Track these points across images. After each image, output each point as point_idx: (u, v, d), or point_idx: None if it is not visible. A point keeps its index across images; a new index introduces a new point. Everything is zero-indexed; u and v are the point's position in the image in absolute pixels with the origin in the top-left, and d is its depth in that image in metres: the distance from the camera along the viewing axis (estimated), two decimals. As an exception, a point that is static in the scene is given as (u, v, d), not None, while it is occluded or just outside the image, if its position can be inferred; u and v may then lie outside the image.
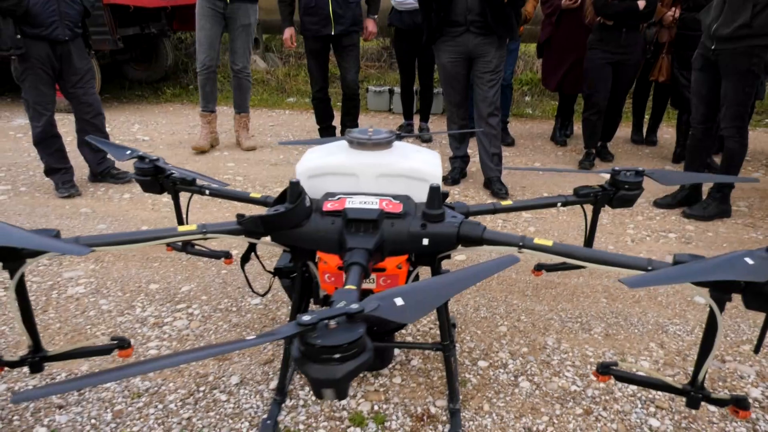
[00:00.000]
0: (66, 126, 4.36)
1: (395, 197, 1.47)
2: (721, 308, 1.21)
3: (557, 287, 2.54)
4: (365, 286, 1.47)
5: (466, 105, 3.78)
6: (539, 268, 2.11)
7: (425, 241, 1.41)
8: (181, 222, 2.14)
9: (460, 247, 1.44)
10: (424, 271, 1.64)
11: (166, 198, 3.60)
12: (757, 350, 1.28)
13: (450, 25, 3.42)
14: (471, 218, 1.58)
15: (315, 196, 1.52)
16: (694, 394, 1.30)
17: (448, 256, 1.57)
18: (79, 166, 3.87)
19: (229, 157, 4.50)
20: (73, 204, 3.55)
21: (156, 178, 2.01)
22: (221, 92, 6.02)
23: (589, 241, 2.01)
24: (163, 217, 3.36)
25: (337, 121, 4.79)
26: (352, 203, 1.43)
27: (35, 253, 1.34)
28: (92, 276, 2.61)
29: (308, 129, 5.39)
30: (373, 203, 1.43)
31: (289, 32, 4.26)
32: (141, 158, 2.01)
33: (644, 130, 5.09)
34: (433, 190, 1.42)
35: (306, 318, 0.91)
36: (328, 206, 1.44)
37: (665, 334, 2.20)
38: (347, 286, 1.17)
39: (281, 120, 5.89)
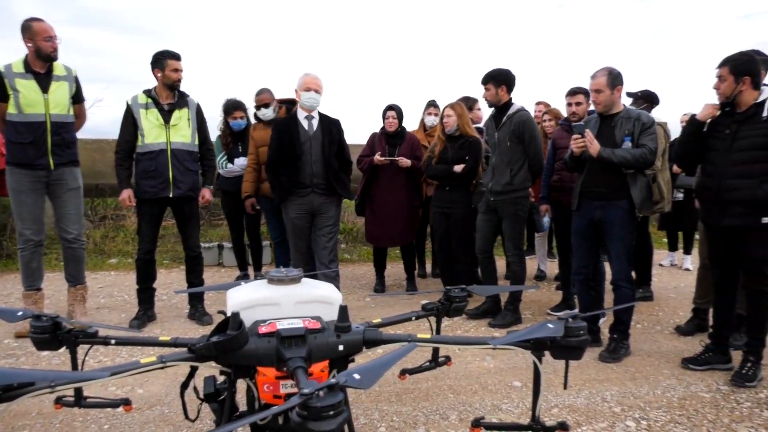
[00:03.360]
0: None
1: (312, 317, 1.93)
2: (540, 361, 1.86)
3: (414, 391, 3.09)
4: (291, 390, 1.85)
5: (310, 252, 4.38)
6: (403, 373, 2.63)
7: (341, 348, 1.87)
8: None
9: (364, 349, 1.93)
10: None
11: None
12: (565, 387, 1.96)
13: (298, 186, 4.13)
14: None
15: (246, 324, 1.90)
16: (535, 426, 1.90)
17: (353, 360, 2.03)
18: None
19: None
20: None
21: (54, 334, 2.14)
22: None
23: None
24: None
25: (163, 280, 4.84)
26: (282, 325, 1.85)
27: (11, 397, 1.47)
28: (-49, 456, 2.42)
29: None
30: (298, 323, 1.86)
31: (127, 193, 4.20)
32: (37, 317, 2.14)
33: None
34: (342, 309, 1.91)
35: (306, 390, 1.31)
36: (263, 329, 1.83)
37: (501, 411, 2.85)
38: (303, 381, 1.57)
39: (109, 281, 5.80)
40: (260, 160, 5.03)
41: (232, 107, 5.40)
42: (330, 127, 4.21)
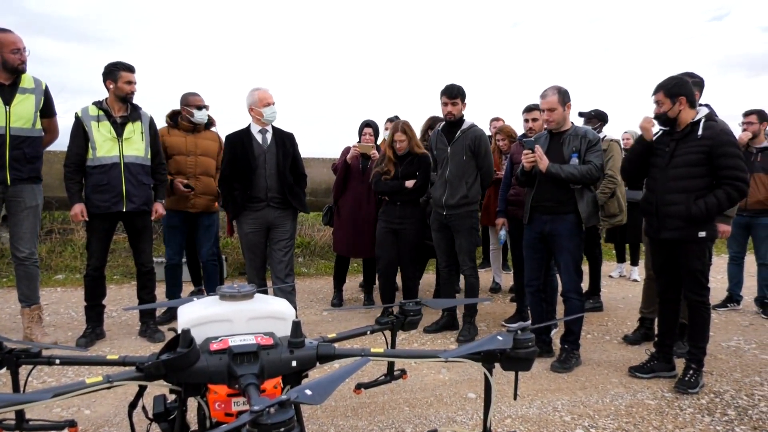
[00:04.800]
0: None
1: (265, 334, 1.91)
2: (491, 373, 1.91)
3: (369, 405, 3.09)
4: (243, 408, 1.83)
5: (265, 267, 4.33)
6: (359, 387, 2.64)
7: (294, 363, 1.87)
8: None
9: (318, 364, 1.93)
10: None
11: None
12: (515, 397, 2.00)
13: (252, 201, 4.09)
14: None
15: (197, 341, 1.87)
16: (486, 436, 1.93)
17: (306, 375, 2.02)
18: None
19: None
20: None
21: (-7, 355, 2.06)
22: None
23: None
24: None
25: (113, 296, 4.67)
26: (234, 341, 1.83)
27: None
28: None
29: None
30: (250, 339, 1.85)
31: (79, 207, 4.07)
32: (-25, 337, 2.05)
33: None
34: (296, 324, 1.91)
35: (256, 407, 1.31)
36: (215, 346, 1.81)
37: (455, 423, 2.88)
38: (254, 398, 1.56)
39: (55, 298, 5.58)
40: (175, 170, 4.73)
41: None
42: (284, 140, 4.20)
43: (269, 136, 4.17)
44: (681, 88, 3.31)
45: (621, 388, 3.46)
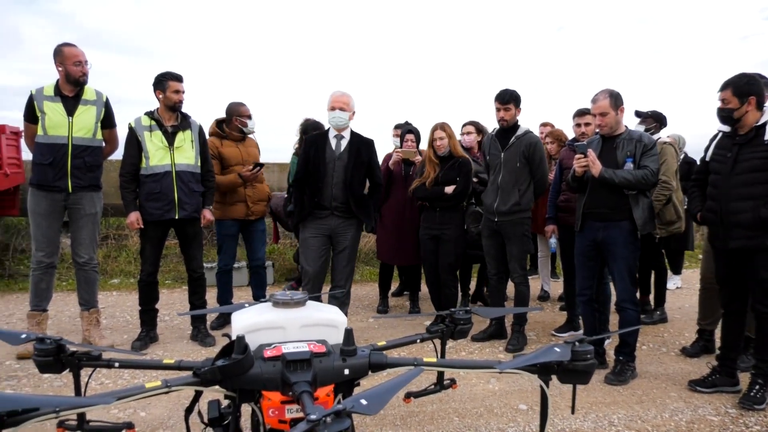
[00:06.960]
0: None
1: (317, 341, 1.92)
2: (547, 385, 1.85)
3: (419, 415, 3.05)
4: (296, 415, 1.83)
5: (322, 277, 4.29)
6: (408, 396, 2.61)
7: (346, 372, 1.86)
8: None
9: (370, 372, 1.92)
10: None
11: None
12: (572, 411, 1.93)
13: (318, 208, 4.09)
14: None
15: (251, 348, 1.89)
16: (543, 450, 1.87)
17: (359, 384, 2.01)
18: None
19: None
20: None
21: (58, 357, 2.13)
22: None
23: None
24: None
25: (165, 300, 4.74)
26: (288, 348, 1.84)
27: (16, 422, 1.45)
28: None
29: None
30: (303, 347, 1.85)
31: (135, 216, 4.20)
32: (41, 340, 2.13)
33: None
34: (348, 332, 1.90)
35: (313, 416, 1.30)
36: (268, 353, 1.82)
37: (506, 435, 2.82)
38: (309, 406, 1.56)
39: (111, 301, 5.78)
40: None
41: (312, 128, 5.28)
42: (359, 148, 4.13)
43: (344, 142, 4.13)
44: (752, 87, 3.15)
45: (681, 403, 3.31)
